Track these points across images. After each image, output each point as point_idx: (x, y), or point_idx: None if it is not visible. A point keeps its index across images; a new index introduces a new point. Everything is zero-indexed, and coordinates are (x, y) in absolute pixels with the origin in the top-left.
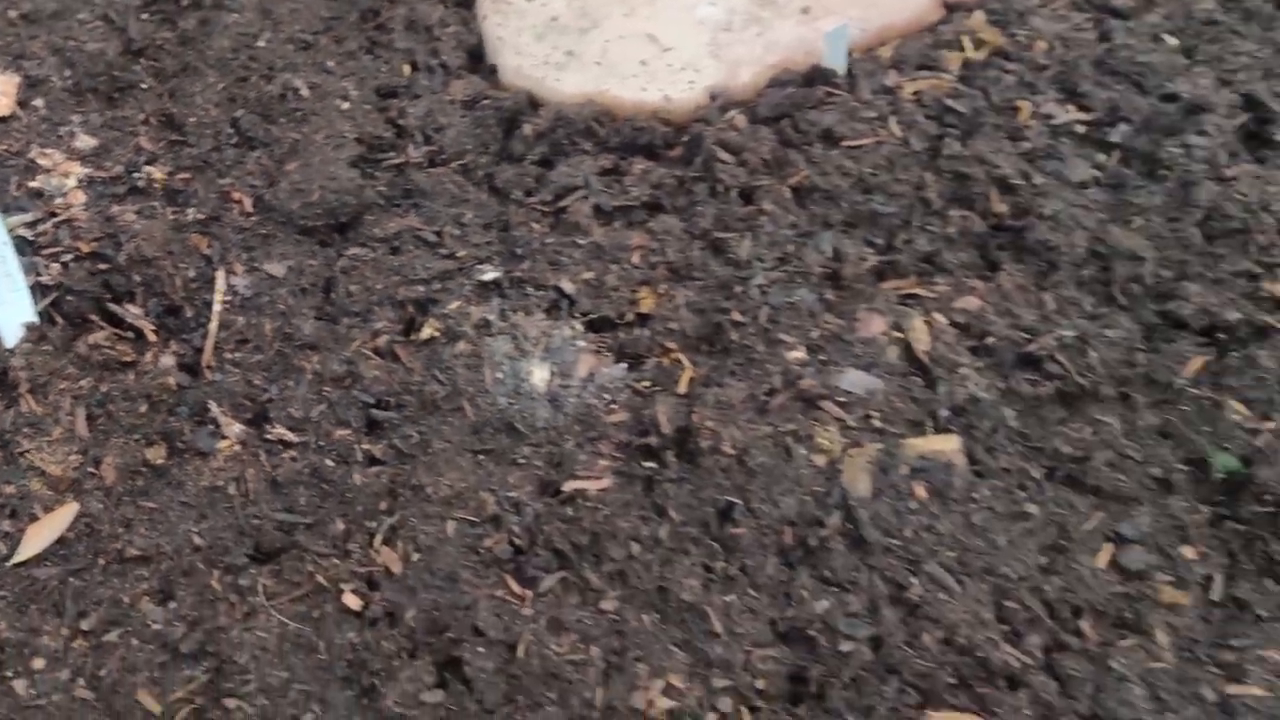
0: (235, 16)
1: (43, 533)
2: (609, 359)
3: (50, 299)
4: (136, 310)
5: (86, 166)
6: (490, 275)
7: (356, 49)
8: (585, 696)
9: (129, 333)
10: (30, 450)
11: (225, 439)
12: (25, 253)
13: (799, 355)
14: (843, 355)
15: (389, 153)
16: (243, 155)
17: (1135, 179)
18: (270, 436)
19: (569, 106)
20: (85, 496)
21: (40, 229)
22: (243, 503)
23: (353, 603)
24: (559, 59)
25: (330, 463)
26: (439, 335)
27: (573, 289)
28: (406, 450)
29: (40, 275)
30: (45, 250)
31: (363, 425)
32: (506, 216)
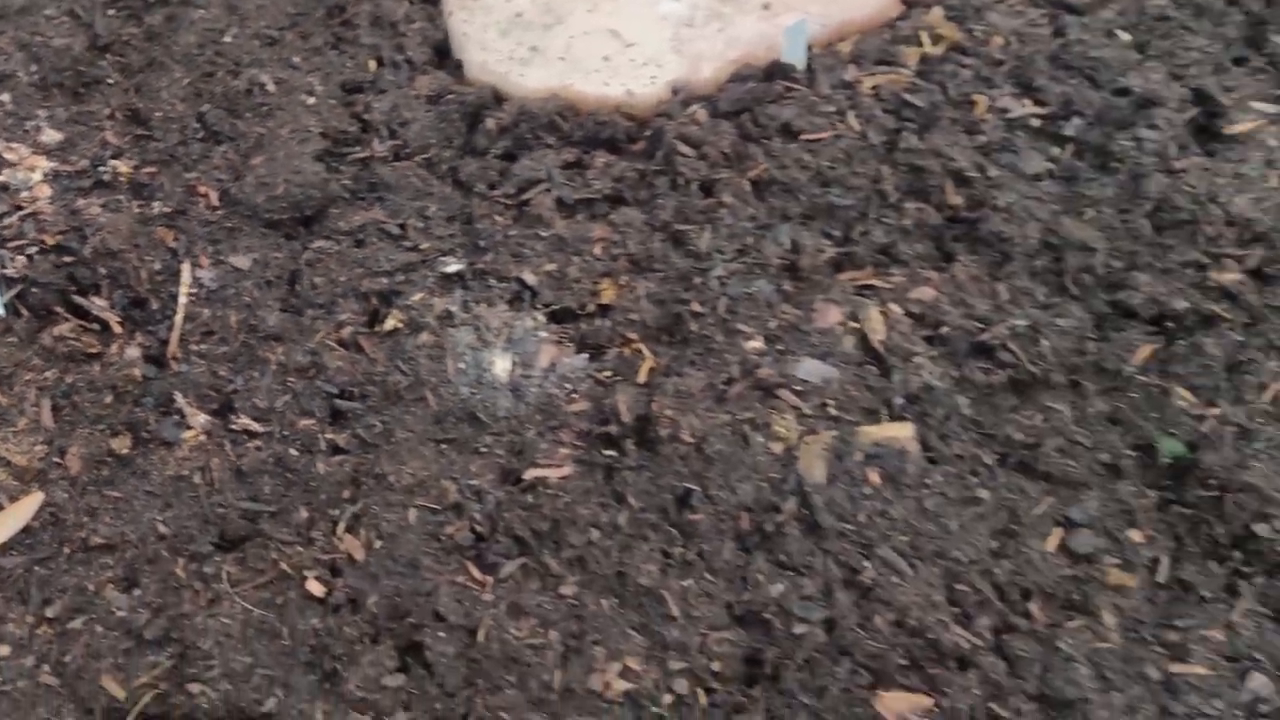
0: (201, 12)
1: (8, 522)
2: (570, 349)
3: (15, 291)
4: (102, 302)
5: (52, 160)
6: (453, 267)
7: (322, 45)
8: (544, 679)
9: (94, 325)
10: None
11: (190, 429)
12: None
13: (757, 345)
14: (800, 345)
15: (354, 147)
16: (209, 149)
17: (1088, 171)
18: (235, 426)
19: (533, 101)
20: (50, 486)
21: (5, 222)
22: (207, 492)
23: (316, 589)
24: (523, 54)
25: (294, 452)
26: (402, 326)
27: (535, 280)
28: (370, 439)
29: (5, 268)
30: (10, 243)
31: (326, 415)
32: (470, 209)
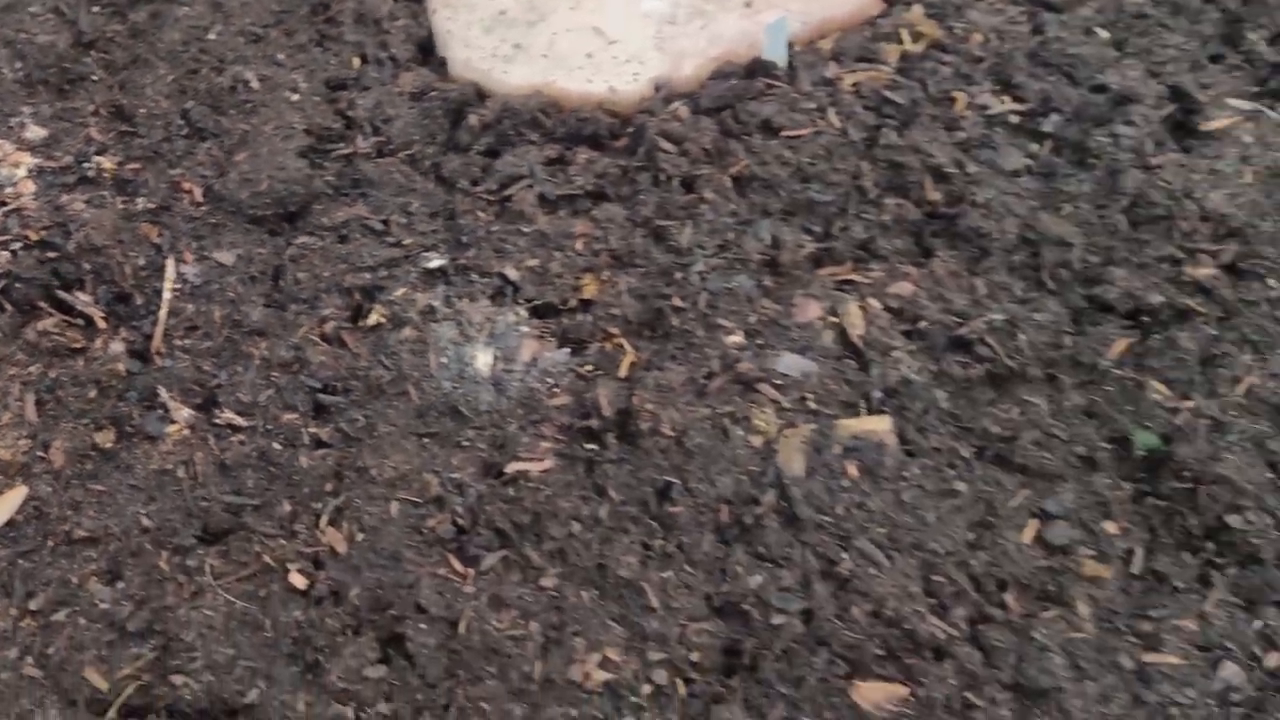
0: (186, 10)
1: None
2: (552, 344)
3: None
4: (86, 298)
5: (36, 157)
6: (436, 263)
7: (306, 42)
8: (524, 670)
9: (78, 320)
10: None
11: (174, 423)
12: None
13: (737, 340)
14: (780, 339)
15: (338, 143)
16: (193, 146)
17: (1065, 167)
18: (219, 421)
19: (516, 98)
20: (34, 480)
21: None
22: (191, 485)
23: (298, 582)
24: (507, 51)
25: (277, 446)
26: (385, 321)
27: (517, 276)
28: (352, 433)
29: None
30: None
31: (310, 409)
32: (452, 205)
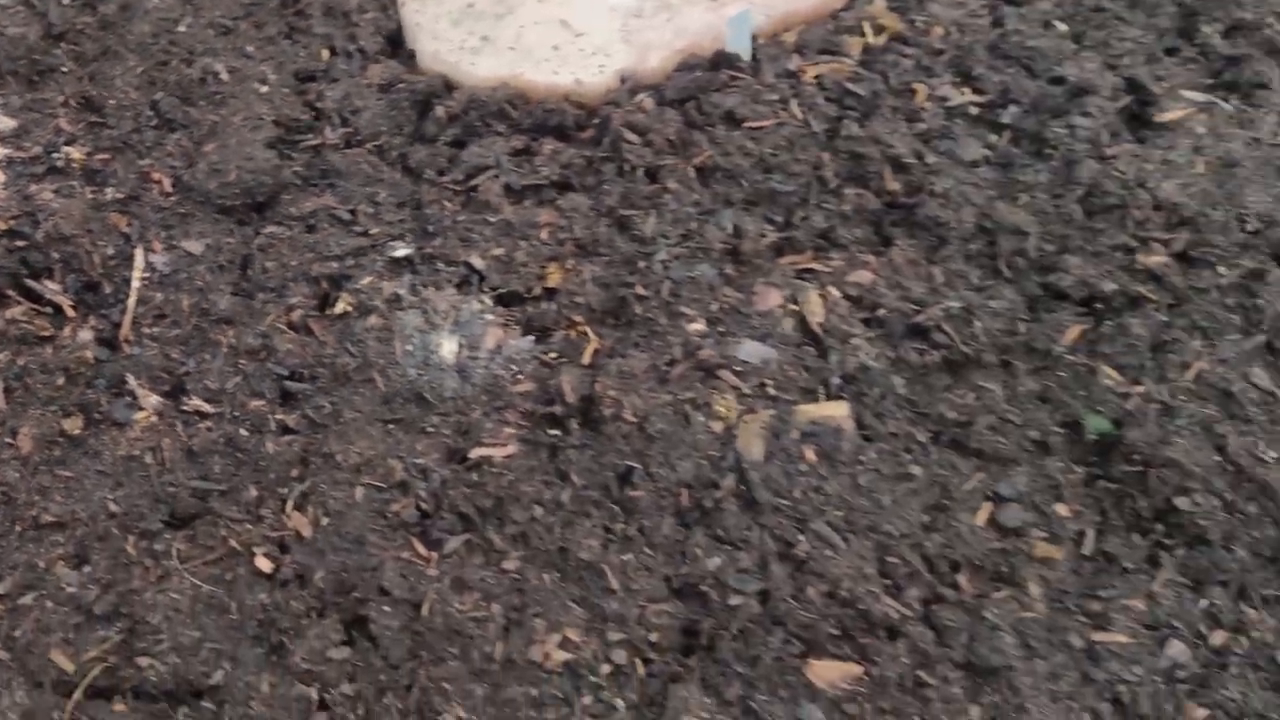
0: (156, 2)
1: None
2: (516, 332)
3: None
4: (55, 286)
5: (5, 147)
6: (402, 252)
7: (276, 34)
8: (485, 650)
9: (47, 308)
10: None
11: (142, 410)
12: None
13: (699, 327)
14: (741, 327)
15: (306, 134)
16: (162, 137)
17: (1023, 158)
18: (186, 408)
19: (483, 90)
20: (2, 466)
21: None
22: (159, 471)
23: (264, 565)
24: (474, 44)
25: (244, 432)
26: (352, 310)
27: (482, 265)
28: (319, 420)
29: None
30: None
31: (277, 396)
32: (419, 195)
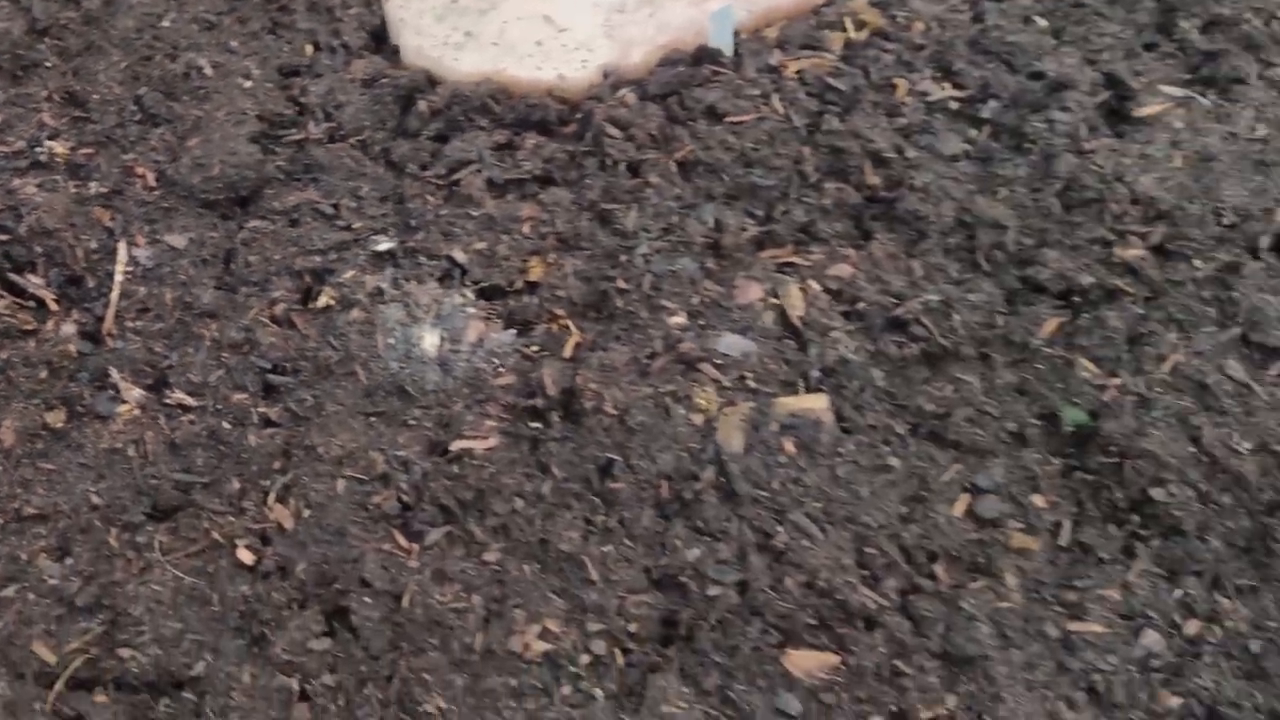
0: None
1: None
2: (498, 325)
3: None
4: (38, 280)
5: None
6: (385, 246)
7: (259, 29)
8: (465, 641)
9: (30, 302)
10: None
11: (125, 403)
12: None
13: (680, 320)
14: (721, 320)
15: (289, 129)
16: (146, 131)
17: (1002, 152)
18: (169, 401)
19: (466, 85)
20: None
21: None
22: (141, 464)
23: (246, 557)
24: (458, 39)
25: (227, 425)
26: (334, 303)
27: (465, 258)
28: (301, 413)
29: None
30: None
31: (259, 389)
32: (402, 190)
